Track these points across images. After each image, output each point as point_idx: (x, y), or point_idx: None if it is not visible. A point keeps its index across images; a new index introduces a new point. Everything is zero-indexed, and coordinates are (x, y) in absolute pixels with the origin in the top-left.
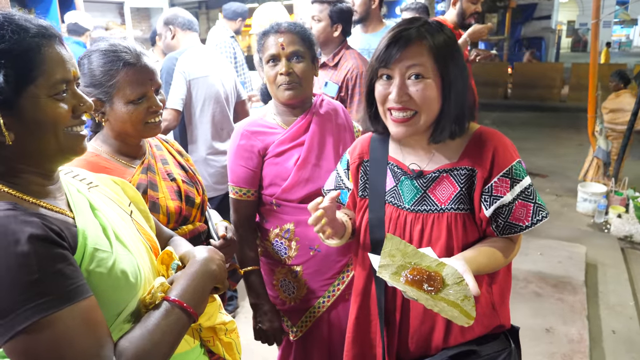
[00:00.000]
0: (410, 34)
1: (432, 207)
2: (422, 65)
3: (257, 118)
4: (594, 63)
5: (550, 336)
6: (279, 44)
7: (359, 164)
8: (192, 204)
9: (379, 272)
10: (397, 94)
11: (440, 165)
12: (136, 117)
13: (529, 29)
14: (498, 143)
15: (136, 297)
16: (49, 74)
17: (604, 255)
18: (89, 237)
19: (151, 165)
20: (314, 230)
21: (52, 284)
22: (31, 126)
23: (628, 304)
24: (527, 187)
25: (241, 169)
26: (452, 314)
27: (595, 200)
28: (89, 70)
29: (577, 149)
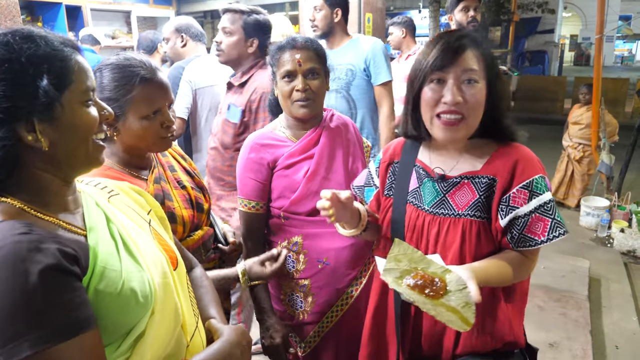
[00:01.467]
0: (465, 42)
1: (450, 211)
2: (476, 72)
3: (266, 131)
4: (597, 77)
5: (554, 351)
6: (295, 60)
7: (389, 163)
8: (201, 210)
9: (383, 275)
10: (453, 95)
11: (464, 172)
12: (150, 133)
13: (532, 43)
14: (522, 155)
15: (145, 317)
16: (80, 81)
17: (607, 269)
18: (100, 255)
19: (161, 175)
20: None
21: (56, 317)
22: (66, 132)
23: (631, 319)
24: (546, 202)
25: (251, 181)
26: (449, 318)
27: (599, 215)
28: (102, 84)
29: None
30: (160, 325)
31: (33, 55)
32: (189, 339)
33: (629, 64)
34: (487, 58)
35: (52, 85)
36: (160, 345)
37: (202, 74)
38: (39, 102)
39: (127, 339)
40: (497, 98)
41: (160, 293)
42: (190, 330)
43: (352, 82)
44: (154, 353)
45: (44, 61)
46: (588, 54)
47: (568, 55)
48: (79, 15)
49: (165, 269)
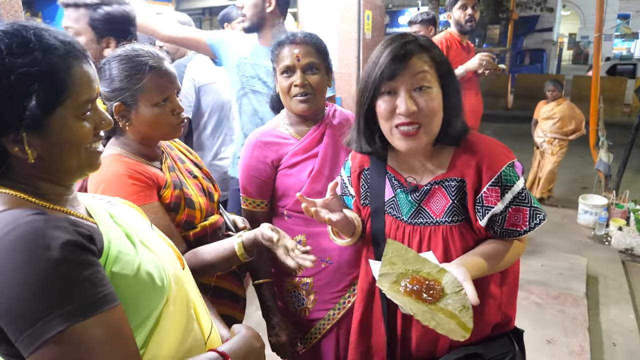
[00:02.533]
0: (412, 48)
1: (428, 219)
2: (427, 77)
3: (270, 128)
4: (596, 76)
5: (552, 347)
6: (294, 55)
7: (359, 172)
8: (212, 199)
9: (379, 281)
10: (406, 104)
11: (433, 177)
12: (162, 120)
13: (530, 41)
14: (484, 150)
15: (162, 302)
16: (77, 95)
17: (605, 267)
18: (113, 240)
19: (173, 165)
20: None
21: (81, 292)
22: (55, 145)
23: (629, 316)
24: (519, 192)
25: (254, 180)
26: (449, 327)
27: (596, 213)
28: (112, 75)
29: (578, 160)
30: (175, 318)
31: (25, 73)
32: (207, 337)
33: None
34: (438, 60)
35: (41, 104)
36: (176, 339)
37: (203, 71)
38: (26, 120)
39: (141, 328)
40: (455, 101)
41: (173, 284)
42: (207, 329)
43: None
44: (170, 347)
45: (36, 79)
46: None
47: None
48: None
49: (175, 263)
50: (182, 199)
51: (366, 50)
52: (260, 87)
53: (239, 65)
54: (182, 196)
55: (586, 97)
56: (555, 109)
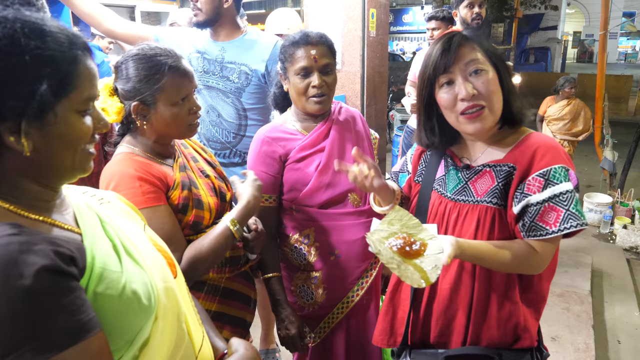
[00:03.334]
0: (456, 39)
1: (470, 197)
2: (480, 59)
3: (277, 124)
4: (601, 74)
5: (557, 345)
6: (311, 56)
7: (421, 152)
8: (224, 199)
9: (369, 233)
10: (466, 89)
11: (487, 161)
12: (180, 119)
13: (535, 39)
14: (542, 145)
15: (149, 322)
16: (83, 88)
17: (610, 265)
18: (97, 255)
19: (185, 164)
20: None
21: (57, 323)
22: (53, 140)
23: (634, 314)
24: (562, 193)
25: (262, 175)
26: (412, 276)
27: (601, 211)
28: (129, 75)
29: (583, 159)
30: (165, 332)
31: (39, 55)
32: (198, 350)
33: (632, 61)
34: (485, 47)
35: (51, 91)
36: (167, 356)
37: None
38: (32, 106)
39: (130, 348)
40: (507, 82)
41: (163, 297)
42: (198, 341)
43: (245, 88)
44: None
45: (48, 64)
46: (591, 51)
47: (571, 52)
48: None
49: (166, 273)
50: (191, 200)
51: (370, 49)
52: (215, 82)
53: (189, 60)
54: (190, 197)
55: (591, 96)
56: (566, 109)
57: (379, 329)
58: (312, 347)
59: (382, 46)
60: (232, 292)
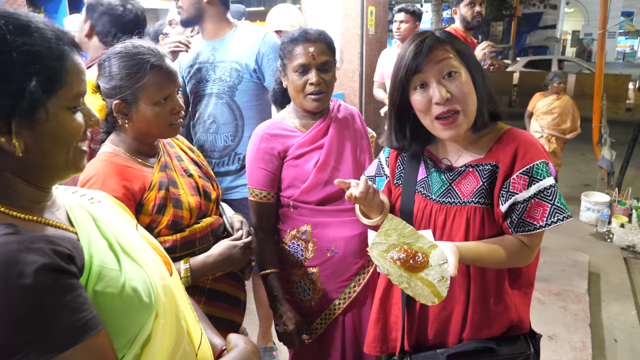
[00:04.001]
0: (430, 41)
1: (456, 199)
2: (452, 62)
3: (276, 121)
4: (599, 73)
5: (554, 344)
6: (309, 53)
7: (398, 154)
8: (209, 199)
9: (369, 248)
10: (440, 92)
11: (469, 160)
12: (162, 118)
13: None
14: (523, 141)
15: (150, 320)
16: (72, 84)
17: (607, 264)
18: (95, 254)
19: (168, 163)
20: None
21: (60, 321)
22: (45, 139)
23: (630, 312)
24: (547, 188)
25: (261, 171)
26: (423, 292)
27: (599, 210)
28: (112, 72)
29: (581, 158)
30: (165, 330)
31: (26, 52)
32: (197, 347)
33: (630, 60)
34: (459, 48)
35: (40, 87)
36: (168, 355)
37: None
38: (22, 105)
39: (132, 347)
40: (480, 83)
41: (162, 295)
42: (197, 338)
43: (237, 86)
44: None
45: (36, 60)
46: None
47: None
48: (81, 7)
49: (163, 270)
50: (168, 199)
51: (369, 47)
52: (209, 88)
53: (183, 77)
54: (167, 196)
55: (589, 94)
56: (554, 104)
57: (370, 337)
58: (308, 343)
59: (381, 44)
60: (218, 293)
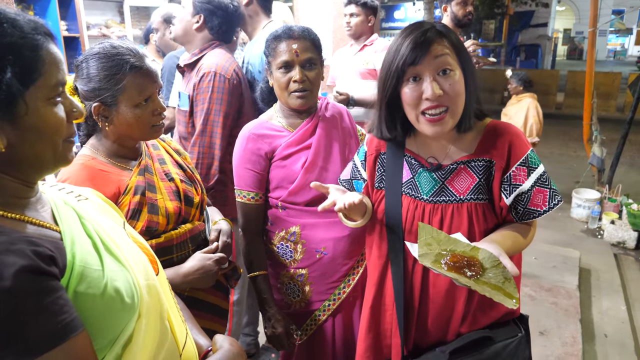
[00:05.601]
0: (431, 35)
1: (451, 197)
2: (449, 60)
3: (262, 121)
4: (590, 71)
5: (544, 339)
6: (292, 50)
7: (376, 156)
8: (190, 204)
9: (421, 260)
10: (433, 89)
11: (458, 157)
12: (143, 120)
13: (525, 36)
14: (513, 134)
15: (132, 321)
16: (50, 74)
17: (598, 260)
18: (77, 254)
19: (148, 166)
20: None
21: (39, 323)
22: (28, 133)
23: (620, 308)
24: (542, 174)
25: (248, 172)
26: (498, 297)
27: (589, 207)
28: (90, 74)
29: (572, 155)
30: (148, 330)
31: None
32: (182, 347)
33: (621, 58)
34: (456, 45)
35: (16, 79)
36: (150, 355)
37: None
38: (0, 99)
39: (113, 347)
40: (472, 84)
41: (145, 295)
42: (182, 339)
43: (253, 86)
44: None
45: (9, 51)
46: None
47: (561, 49)
48: (71, 5)
49: (148, 270)
50: (144, 204)
51: None
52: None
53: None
54: (143, 201)
55: (580, 92)
56: (509, 108)
57: (362, 348)
58: (298, 344)
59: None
60: (197, 301)
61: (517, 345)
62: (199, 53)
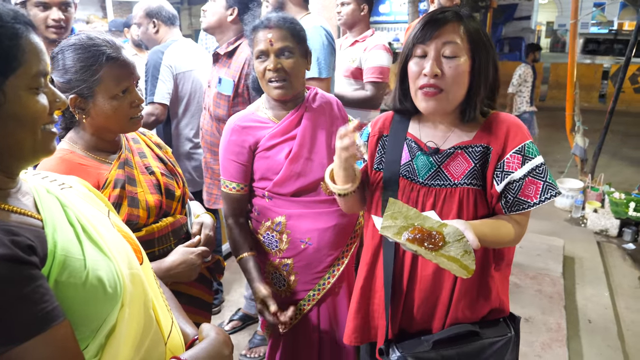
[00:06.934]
0: (447, 16)
1: (446, 182)
2: (457, 44)
3: (248, 112)
4: (572, 62)
5: (530, 326)
6: (267, 39)
7: (378, 137)
8: (172, 197)
9: (382, 231)
10: (431, 67)
11: (456, 143)
12: (121, 112)
13: (509, 29)
14: (512, 122)
15: (115, 311)
16: (30, 64)
17: (581, 248)
18: (59, 243)
19: (128, 160)
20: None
21: (18, 312)
22: (8, 123)
23: (603, 294)
24: (538, 166)
25: (232, 163)
26: (451, 267)
27: (573, 196)
28: (66, 66)
29: (555, 146)
30: (131, 320)
31: None
32: (167, 336)
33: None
34: (473, 33)
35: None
36: (134, 344)
37: (182, 58)
38: None
39: (96, 337)
40: (483, 77)
41: (129, 284)
42: (167, 328)
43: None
44: (127, 352)
45: None
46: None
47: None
48: None
49: (132, 259)
50: (124, 198)
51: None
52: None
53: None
54: (123, 195)
55: (563, 84)
56: None
57: (350, 328)
58: (283, 333)
59: None
60: (180, 295)
61: (505, 345)
62: (234, 42)
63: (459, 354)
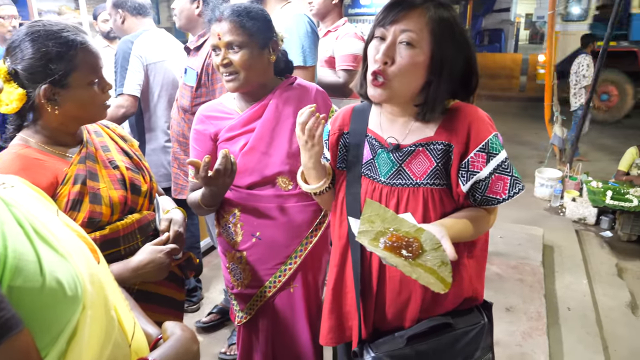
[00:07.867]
0: (411, 2)
1: (408, 181)
2: (417, 34)
3: (216, 103)
4: (550, 53)
5: (511, 315)
6: (216, 33)
7: (339, 135)
8: (138, 192)
9: (358, 237)
10: (383, 53)
11: (417, 139)
12: (97, 99)
13: (489, 21)
14: (474, 117)
15: (77, 312)
16: None
17: (560, 237)
18: (9, 245)
19: (90, 154)
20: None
21: None
22: None
23: (582, 282)
24: (503, 161)
25: (195, 151)
26: (429, 280)
27: (552, 185)
28: (34, 55)
29: (534, 136)
30: (94, 322)
31: None
32: (130, 338)
33: None
34: (439, 23)
35: None
36: (97, 349)
37: (152, 48)
38: None
39: (57, 343)
40: (446, 72)
41: (89, 286)
42: (130, 329)
43: None
44: (90, 358)
45: None
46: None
47: (523, 33)
48: None
49: (89, 258)
50: (85, 194)
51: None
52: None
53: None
54: (84, 191)
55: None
56: None
57: (326, 328)
58: (241, 325)
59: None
60: (149, 294)
61: (478, 334)
62: (204, 34)
63: (433, 347)
